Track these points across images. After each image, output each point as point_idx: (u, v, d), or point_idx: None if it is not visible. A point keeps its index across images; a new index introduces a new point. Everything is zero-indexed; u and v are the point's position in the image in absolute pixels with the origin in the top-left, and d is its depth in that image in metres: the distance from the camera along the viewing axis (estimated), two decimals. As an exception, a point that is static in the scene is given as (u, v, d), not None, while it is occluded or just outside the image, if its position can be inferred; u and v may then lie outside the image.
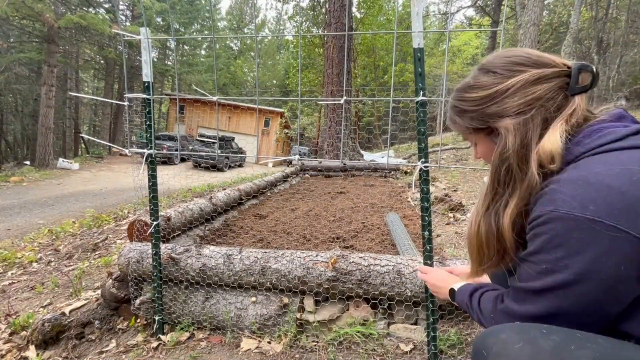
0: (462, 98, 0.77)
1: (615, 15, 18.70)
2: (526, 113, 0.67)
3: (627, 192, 0.53)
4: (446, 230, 3.17)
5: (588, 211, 0.54)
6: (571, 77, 0.67)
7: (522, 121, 0.67)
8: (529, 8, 9.13)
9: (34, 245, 3.82)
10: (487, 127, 0.73)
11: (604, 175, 0.56)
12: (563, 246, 0.57)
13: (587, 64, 0.67)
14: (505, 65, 0.71)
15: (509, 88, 0.68)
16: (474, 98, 0.73)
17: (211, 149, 14.57)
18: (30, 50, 16.51)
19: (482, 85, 0.72)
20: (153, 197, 1.66)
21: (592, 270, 0.55)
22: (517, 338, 0.58)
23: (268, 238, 2.86)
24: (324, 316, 1.68)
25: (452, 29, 19.63)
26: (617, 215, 0.53)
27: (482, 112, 0.72)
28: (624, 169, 0.56)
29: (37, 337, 1.75)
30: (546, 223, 0.59)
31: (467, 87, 0.76)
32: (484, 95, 0.72)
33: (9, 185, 10.04)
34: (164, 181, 3.21)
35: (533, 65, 0.69)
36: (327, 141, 11.53)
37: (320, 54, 20.14)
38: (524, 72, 0.68)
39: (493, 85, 0.70)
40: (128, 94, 1.64)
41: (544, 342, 0.56)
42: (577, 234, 0.55)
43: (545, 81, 0.67)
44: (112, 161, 17.94)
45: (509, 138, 0.68)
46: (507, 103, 0.69)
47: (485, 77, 0.73)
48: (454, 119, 0.80)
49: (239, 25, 46.43)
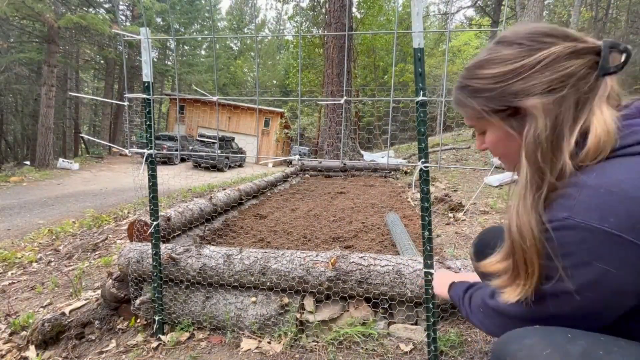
0: (477, 76, 0.65)
1: (615, 16, 18.70)
2: (558, 91, 0.57)
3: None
4: (446, 230, 3.17)
5: (607, 223, 0.50)
6: (601, 56, 0.58)
7: (554, 100, 0.57)
8: (529, 8, 9.14)
9: (34, 245, 3.82)
10: (507, 108, 0.63)
11: (629, 185, 0.51)
12: (572, 256, 0.54)
13: (619, 42, 0.59)
14: (533, 35, 0.61)
15: (540, 61, 0.58)
16: (494, 74, 0.62)
17: (211, 149, 14.57)
18: (30, 50, 16.51)
19: (505, 58, 0.61)
20: (153, 197, 1.66)
21: (598, 282, 0.53)
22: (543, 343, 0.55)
23: (268, 238, 2.86)
24: (324, 316, 1.68)
25: (452, 29, 19.62)
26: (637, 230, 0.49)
27: (503, 91, 0.61)
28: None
29: (37, 337, 1.75)
30: (559, 229, 0.55)
31: (484, 62, 0.65)
32: (507, 70, 0.61)
33: (9, 185, 10.04)
34: (164, 181, 3.21)
35: (563, 37, 0.60)
36: (327, 141, 11.53)
37: (320, 54, 20.14)
38: (555, 45, 0.59)
39: (519, 59, 0.60)
40: (128, 94, 1.64)
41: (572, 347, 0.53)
42: (588, 245, 0.52)
43: (578, 56, 0.58)
44: (112, 161, 17.95)
45: (539, 119, 0.58)
46: (536, 79, 0.58)
47: (507, 49, 0.62)
48: (465, 101, 0.69)
49: (239, 25, 46.44)
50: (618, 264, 0.50)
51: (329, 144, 11.40)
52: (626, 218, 0.49)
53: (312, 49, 21.61)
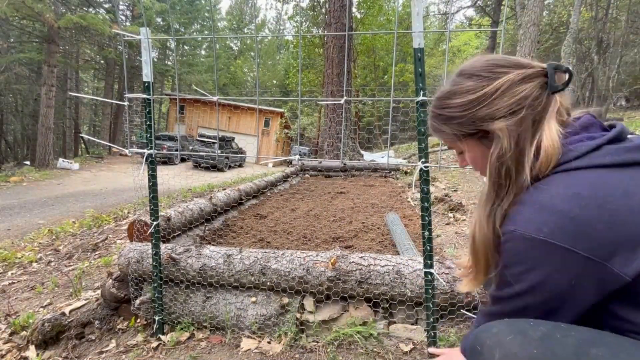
0: (447, 105, 0.75)
1: (615, 15, 18.69)
2: (518, 113, 0.67)
3: (577, 216, 0.58)
4: (446, 230, 3.17)
5: (542, 233, 0.60)
6: (548, 77, 0.68)
7: (515, 121, 0.67)
8: (529, 8, 9.13)
9: (34, 245, 3.82)
10: (478, 131, 0.72)
11: (558, 200, 0.61)
12: (523, 263, 0.64)
13: (561, 64, 0.69)
14: (488, 67, 0.71)
15: (498, 89, 0.68)
16: (462, 103, 0.72)
17: (211, 149, 14.57)
18: (30, 50, 16.51)
19: (468, 89, 0.71)
20: (153, 197, 1.66)
21: (545, 283, 0.62)
22: (507, 330, 0.64)
23: (268, 238, 2.86)
24: (324, 316, 1.68)
25: (452, 29, 19.62)
26: (567, 238, 0.59)
27: (472, 116, 0.71)
28: (575, 194, 0.60)
29: (37, 337, 1.75)
30: (510, 241, 0.65)
31: (450, 93, 0.75)
32: (472, 99, 0.71)
33: (9, 185, 10.05)
34: (164, 181, 3.21)
35: (514, 66, 0.70)
36: (327, 141, 11.53)
37: (320, 54, 20.14)
38: (508, 73, 0.69)
39: (480, 88, 0.70)
40: (128, 94, 1.64)
41: (533, 332, 0.61)
42: (533, 253, 0.62)
43: (529, 80, 0.68)
44: (112, 161, 17.95)
45: (504, 140, 0.67)
46: (498, 104, 0.68)
47: (469, 81, 0.72)
48: (440, 127, 0.79)
49: (239, 25, 46.43)
50: (558, 266, 0.60)
51: (329, 144, 11.40)
52: (556, 228, 0.59)
53: (312, 49, 21.61)
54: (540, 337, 0.60)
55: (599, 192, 0.59)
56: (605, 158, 0.63)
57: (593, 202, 0.58)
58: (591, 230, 0.58)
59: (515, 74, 0.68)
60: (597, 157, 0.63)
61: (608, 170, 0.62)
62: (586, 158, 0.64)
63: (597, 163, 0.63)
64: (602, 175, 0.62)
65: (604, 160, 0.63)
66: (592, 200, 0.59)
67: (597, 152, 0.64)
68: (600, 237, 0.57)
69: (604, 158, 0.63)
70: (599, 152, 0.64)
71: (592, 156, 0.64)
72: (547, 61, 0.73)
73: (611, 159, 0.63)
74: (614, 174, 0.61)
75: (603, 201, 0.58)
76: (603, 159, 0.63)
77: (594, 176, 0.62)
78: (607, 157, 0.63)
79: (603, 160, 0.63)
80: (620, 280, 0.58)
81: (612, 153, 0.63)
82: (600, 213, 0.58)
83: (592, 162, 0.63)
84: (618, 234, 0.57)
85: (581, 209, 0.59)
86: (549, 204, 0.61)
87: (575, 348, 0.57)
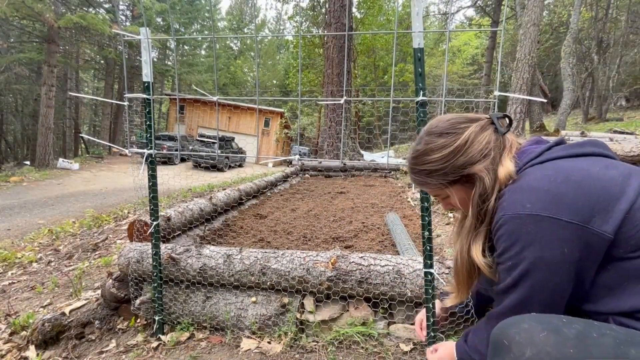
0: (426, 161, 0.87)
1: (615, 16, 18.69)
2: (489, 155, 0.82)
3: (550, 189, 0.69)
4: (446, 230, 3.17)
5: (526, 209, 0.69)
6: (495, 124, 0.86)
7: (489, 161, 0.82)
8: (529, 8, 9.13)
9: (34, 245, 3.82)
10: (460, 177, 0.85)
11: (531, 181, 0.73)
12: (519, 241, 0.70)
13: (500, 113, 0.87)
14: (452, 125, 0.86)
15: (467, 140, 0.83)
16: (440, 157, 0.85)
17: (211, 149, 14.56)
18: (30, 50, 16.51)
19: (443, 145, 0.85)
20: (153, 197, 1.66)
21: (544, 256, 0.68)
22: (540, 327, 0.61)
23: (268, 238, 2.87)
24: (324, 316, 1.68)
25: (452, 29, 19.62)
26: (547, 208, 0.67)
27: (452, 166, 0.84)
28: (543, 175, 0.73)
29: (37, 337, 1.75)
30: (502, 226, 0.73)
31: (426, 151, 0.87)
32: (449, 152, 0.84)
33: (9, 185, 10.04)
34: (164, 181, 3.21)
35: (469, 121, 0.86)
36: (327, 141, 11.53)
37: (320, 54, 20.13)
38: (469, 127, 0.85)
39: (452, 142, 0.84)
40: (128, 94, 1.64)
41: (567, 330, 0.59)
42: (525, 228, 0.69)
43: (485, 129, 0.85)
44: (112, 161, 17.95)
45: (485, 179, 0.81)
46: (471, 152, 0.83)
47: (440, 139, 0.86)
48: (425, 181, 0.90)
49: (239, 25, 46.42)
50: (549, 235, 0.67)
51: (329, 144, 11.40)
52: (536, 201, 0.69)
53: (312, 49, 21.61)
54: (576, 336, 0.58)
55: (560, 171, 0.72)
56: (557, 153, 0.78)
57: (559, 178, 0.70)
58: (565, 198, 0.67)
59: (474, 126, 0.85)
60: (550, 154, 0.79)
61: (562, 160, 0.76)
62: (542, 156, 0.79)
63: (551, 157, 0.78)
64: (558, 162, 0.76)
65: (557, 154, 0.78)
66: (558, 177, 0.70)
67: (549, 151, 0.80)
68: (575, 204, 0.66)
69: (556, 153, 0.78)
70: (549, 151, 0.80)
71: (546, 154, 0.79)
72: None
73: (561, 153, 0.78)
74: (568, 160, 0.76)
75: (567, 176, 0.70)
76: (556, 154, 0.78)
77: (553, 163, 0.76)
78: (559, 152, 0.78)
79: (556, 154, 0.78)
80: (603, 239, 0.65)
81: (560, 150, 0.79)
82: (568, 184, 0.69)
83: (547, 157, 0.78)
84: (588, 200, 0.66)
85: (551, 184, 0.69)
86: (525, 186, 0.73)
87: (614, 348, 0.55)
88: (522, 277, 0.71)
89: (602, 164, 0.73)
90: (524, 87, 9.21)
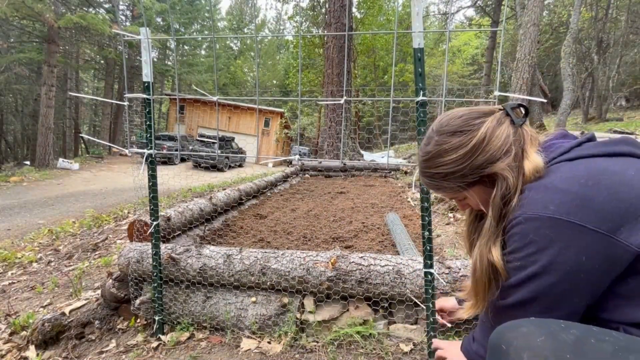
0: (440, 164, 0.80)
1: (615, 15, 18.69)
2: (510, 151, 0.75)
3: (578, 192, 0.63)
4: (446, 230, 3.17)
5: (549, 211, 0.64)
6: (510, 115, 0.78)
7: (512, 157, 0.74)
8: (529, 8, 9.14)
9: (34, 245, 3.82)
10: (480, 177, 0.78)
11: (558, 180, 0.67)
12: (533, 243, 0.66)
13: (514, 103, 0.80)
14: (466, 122, 0.78)
15: (484, 137, 0.75)
16: (457, 158, 0.77)
17: (211, 149, 14.56)
18: (30, 50, 16.50)
19: (457, 145, 0.77)
20: (153, 197, 1.66)
21: (557, 261, 0.63)
22: (538, 331, 0.60)
23: (268, 238, 2.86)
24: (323, 316, 1.68)
25: (452, 29, 19.61)
26: (572, 213, 0.62)
27: (471, 166, 0.77)
28: (572, 175, 0.66)
29: (37, 337, 1.75)
30: (518, 224, 0.68)
31: (440, 153, 0.79)
32: (465, 151, 0.76)
33: (9, 185, 10.04)
34: (164, 181, 3.21)
35: (484, 115, 0.78)
36: (327, 141, 11.53)
37: (320, 54, 20.13)
38: (484, 122, 0.77)
39: (469, 141, 0.76)
40: (128, 94, 1.64)
41: (565, 335, 0.58)
42: (543, 231, 0.64)
43: (502, 122, 0.77)
44: (112, 161, 17.94)
45: (509, 177, 0.73)
46: (491, 149, 0.75)
47: (454, 138, 0.78)
48: (440, 184, 0.83)
49: (239, 25, 46.42)
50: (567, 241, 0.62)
51: (329, 144, 11.40)
52: (561, 204, 0.63)
53: (312, 49, 21.60)
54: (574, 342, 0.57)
55: (592, 172, 0.65)
56: (589, 150, 0.71)
57: (589, 180, 0.64)
58: (593, 204, 0.61)
59: (490, 120, 0.77)
60: (581, 150, 0.71)
61: (594, 159, 0.69)
62: (572, 152, 0.72)
63: (582, 154, 0.70)
64: (590, 161, 0.69)
65: (588, 152, 0.70)
66: (588, 179, 0.64)
67: (579, 147, 0.73)
68: (603, 211, 0.61)
69: (587, 150, 0.71)
70: (580, 147, 0.72)
71: (576, 150, 0.72)
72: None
73: (593, 150, 0.70)
74: (600, 160, 0.68)
75: (598, 179, 0.63)
76: (587, 151, 0.71)
77: (584, 162, 0.69)
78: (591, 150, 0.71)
79: (587, 152, 0.70)
80: (630, 252, 0.60)
81: (591, 147, 0.72)
82: (599, 189, 0.62)
83: (577, 154, 0.71)
84: (619, 208, 0.61)
85: (580, 187, 0.63)
86: (550, 185, 0.67)
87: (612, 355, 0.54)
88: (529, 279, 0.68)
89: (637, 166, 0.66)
90: (524, 87, 9.21)
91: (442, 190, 0.85)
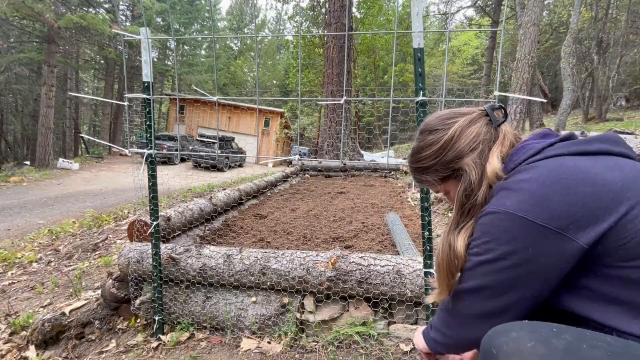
0: (420, 159, 0.90)
1: (615, 16, 18.69)
2: (476, 148, 0.82)
3: (535, 192, 0.68)
4: (446, 230, 3.16)
5: (507, 207, 0.70)
6: (489, 116, 0.86)
7: (476, 154, 0.82)
8: (529, 8, 9.14)
9: (34, 245, 3.82)
10: (452, 172, 0.87)
11: (519, 181, 0.72)
12: (489, 233, 0.72)
13: (495, 104, 0.88)
14: (441, 122, 0.88)
15: (453, 135, 0.84)
16: (431, 153, 0.87)
17: (211, 149, 14.56)
18: (30, 50, 16.51)
19: (432, 142, 0.87)
20: (153, 197, 1.66)
21: (508, 252, 0.69)
22: (528, 337, 0.60)
23: (268, 238, 2.86)
24: (324, 316, 1.68)
25: (452, 29, 19.62)
26: (528, 210, 0.67)
27: (443, 161, 0.86)
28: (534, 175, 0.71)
29: (37, 337, 1.75)
30: (482, 216, 0.75)
31: (419, 149, 0.90)
32: (437, 148, 0.86)
33: (9, 185, 10.04)
34: (164, 181, 3.21)
35: (459, 115, 0.87)
36: (327, 141, 11.53)
37: (320, 54, 20.14)
38: (457, 121, 0.86)
39: (440, 138, 0.86)
40: (128, 94, 1.64)
41: (556, 341, 0.58)
42: (500, 224, 0.70)
43: (475, 122, 0.85)
44: (112, 161, 17.94)
45: (472, 172, 0.81)
46: (459, 146, 0.84)
47: (430, 136, 0.88)
48: (421, 178, 0.93)
49: (239, 25, 46.43)
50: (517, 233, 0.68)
51: (329, 144, 11.40)
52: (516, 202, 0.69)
53: (312, 49, 21.59)
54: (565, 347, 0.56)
55: (554, 172, 0.69)
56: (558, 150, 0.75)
57: (549, 179, 0.68)
58: (548, 202, 0.66)
59: (462, 120, 0.85)
60: (551, 150, 0.76)
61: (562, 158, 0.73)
62: (542, 153, 0.77)
63: (551, 154, 0.75)
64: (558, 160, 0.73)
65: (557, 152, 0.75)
66: (548, 178, 0.68)
67: (551, 147, 0.77)
68: (556, 210, 0.66)
69: (557, 150, 0.75)
70: (552, 147, 0.77)
71: (547, 150, 0.76)
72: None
73: (563, 150, 0.74)
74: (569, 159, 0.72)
75: (559, 178, 0.68)
76: (557, 151, 0.75)
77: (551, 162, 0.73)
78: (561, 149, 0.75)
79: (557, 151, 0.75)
80: (578, 247, 0.65)
81: (562, 147, 0.76)
82: (556, 188, 0.67)
83: (547, 155, 0.75)
84: (572, 206, 0.65)
85: (539, 186, 0.68)
86: (513, 185, 0.73)
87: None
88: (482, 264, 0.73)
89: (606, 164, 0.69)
90: (524, 87, 9.21)
91: (424, 183, 0.95)
